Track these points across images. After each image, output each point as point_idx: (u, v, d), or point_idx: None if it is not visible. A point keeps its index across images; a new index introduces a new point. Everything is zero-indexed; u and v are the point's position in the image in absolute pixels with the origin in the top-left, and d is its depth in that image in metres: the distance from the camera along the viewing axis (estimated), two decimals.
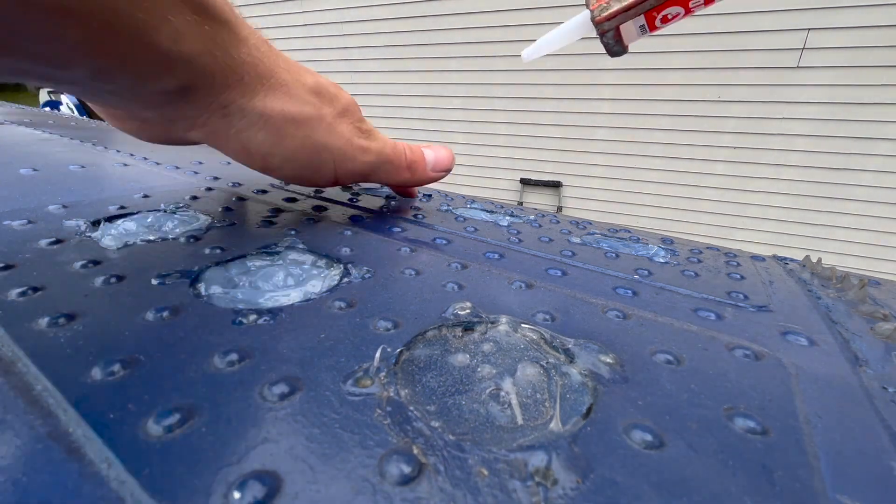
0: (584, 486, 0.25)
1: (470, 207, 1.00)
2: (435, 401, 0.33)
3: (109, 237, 0.55)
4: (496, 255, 0.65)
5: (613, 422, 0.32)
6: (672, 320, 0.50)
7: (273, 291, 0.47)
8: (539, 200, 5.15)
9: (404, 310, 0.45)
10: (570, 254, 0.70)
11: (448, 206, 0.97)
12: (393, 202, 0.94)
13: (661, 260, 0.73)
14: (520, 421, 0.31)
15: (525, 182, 5.12)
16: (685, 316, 0.52)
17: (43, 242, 0.53)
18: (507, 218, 0.93)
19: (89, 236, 0.57)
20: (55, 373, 0.32)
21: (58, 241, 0.54)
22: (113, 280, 0.46)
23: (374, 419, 0.30)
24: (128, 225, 0.62)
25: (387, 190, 1.08)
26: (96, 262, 0.49)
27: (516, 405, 0.33)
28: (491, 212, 0.97)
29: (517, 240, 0.75)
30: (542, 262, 0.66)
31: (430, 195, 1.08)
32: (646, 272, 0.65)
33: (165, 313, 0.40)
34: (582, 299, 0.53)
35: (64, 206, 0.67)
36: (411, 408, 0.31)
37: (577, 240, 0.81)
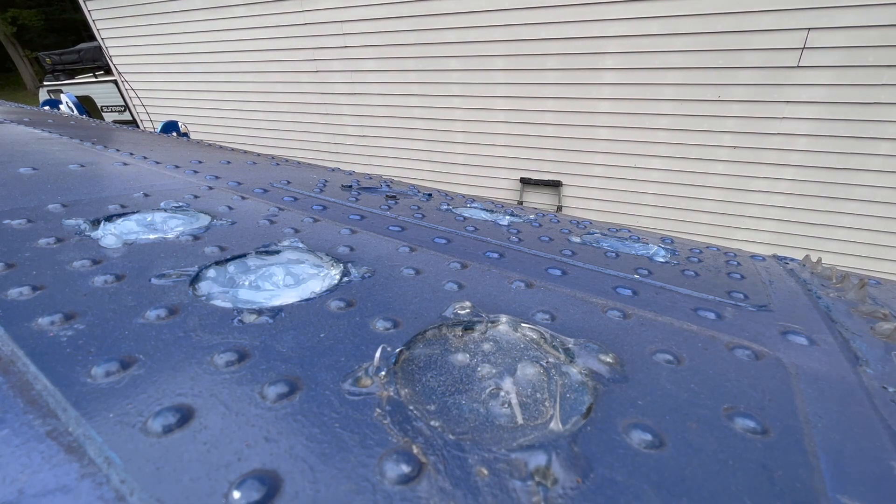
0: (584, 486, 0.25)
1: (470, 207, 1.00)
2: (435, 400, 0.33)
3: (109, 236, 0.55)
4: (496, 255, 0.65)
5: (613, 421, 0.32)
6: (672, 320, 0.50)
7: (273, 291, 0.47)
8: (539, 200, 5.16)
9: (404, 309, 0.45)
10: (570, 253, 0.70)
11: (448, 205, 0.97)
12: (393, 202, 0.94)
13: (662, 259, 0.73)
14: (520, 420, 0.31)
15: (525, 181, 5.13)
16: (685, 315, 0.52)
17: (42, 242, 0.53)
18: (507, 217, 0.93)
19: (89, 235, 0.57)
20: (55, 372, 0.32)
21: (58, 241, 0.54)
22: (113, 279, 0.46)
23: (373, 419, 0.30)
24: (128, 224, 0.62)
25: (386, 189, 1.08)
26: (96, 262, 0.49)
27: (516, 405, 0.33)
28: (491, 211, 0.97)
29: (517, 239, 0.75)
30: (542, 262, 0.66)
31: (430, 195, 1.08)
32: (646, 272, 0.65)
33: (165, 312, 0.40)
34: (582, 299, 0.53)
35: (63, 206, 0.67)
36: (411, 407, 0.31)
37: (577, 239, 0.81)
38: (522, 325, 0.43)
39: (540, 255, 0.68)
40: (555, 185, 5.12)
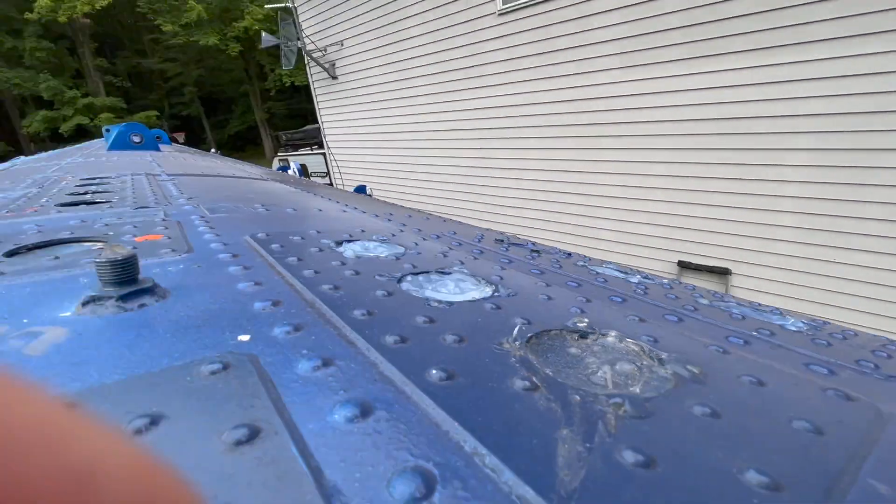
0: (649, 442, 0.38)
1: (605, 266, 1.12)
2: (549, 366, 0.48)
3: (348, 251, 0.85)
4: (619, 300, 0.77)
5: (685, 402, 0.43)
6: (774, 362, 0.55)
7: (446, 294, 0.69)
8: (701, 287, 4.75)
9: (536, 315, 0.61)
10: (692, 308, 0.77)
11: (584, 263, 1.11)
12: (536, 255, 1.12)
13: (793, 328, 0.75)
14: (610, 387, 0.45)
15: (684, 266, 4.66)
16: (793, 365, 0.56)
17: (312, 249, 0.85)
18: (639, 277, 1.02)
19: (337, 250, 0.87)
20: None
21: (319, 250, 0.86)
22: (353, 274, 0.73)
23: (511, 364, 0.46)
24: (355, 246, 0.93)
25: (531, 246, 1.27)
26: (343, 263, 0.78)
27: (609, 378, 0.46)
28: (624, 272, 1.07)
29: (643, 292, 0.85)
30: (660, 310, 0.75)
31: (569, 254, 1.23)
32: (768, 332, 0.69)
33: (384, 293, 0.64)
34: (688, 336, 0.62)
35: (318, 232, 1.02)
36: (536, 364, 0.47)
37: (705, 301, 0.86)
38: (627, 339, 0.56)
39: (661, 305, 0.78)
40: (722, 272, 4.51)
